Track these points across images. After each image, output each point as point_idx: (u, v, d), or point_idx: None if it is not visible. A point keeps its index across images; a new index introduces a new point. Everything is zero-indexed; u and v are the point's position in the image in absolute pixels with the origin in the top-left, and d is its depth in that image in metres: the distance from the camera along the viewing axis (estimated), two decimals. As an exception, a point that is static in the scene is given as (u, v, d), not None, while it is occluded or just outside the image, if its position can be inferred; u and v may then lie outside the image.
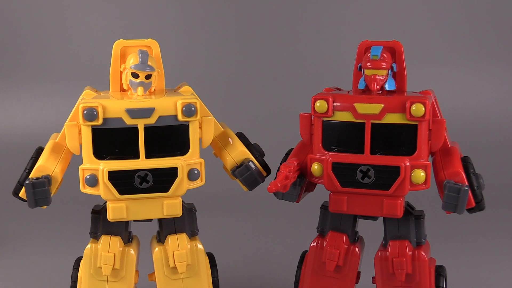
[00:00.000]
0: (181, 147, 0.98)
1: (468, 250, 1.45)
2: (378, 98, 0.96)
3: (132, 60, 0.99)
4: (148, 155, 0.97)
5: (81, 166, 0.97)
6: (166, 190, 0.97)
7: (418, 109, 0.93)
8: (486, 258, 1.41)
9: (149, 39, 1.04)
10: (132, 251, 1.03)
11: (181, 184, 0.97)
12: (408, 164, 0.94)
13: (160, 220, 1.04)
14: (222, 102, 2.03)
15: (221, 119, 1.08)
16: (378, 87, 0.98)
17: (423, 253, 1.00)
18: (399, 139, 0.96)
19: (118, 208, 0.97)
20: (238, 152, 1.04)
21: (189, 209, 1.05)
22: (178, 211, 1.00)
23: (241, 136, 1.07)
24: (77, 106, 0.98)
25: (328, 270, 1.03)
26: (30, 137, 2.04)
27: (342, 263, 1.03)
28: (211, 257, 1.08)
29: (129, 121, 0.95)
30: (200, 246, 1.04)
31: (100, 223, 1.03)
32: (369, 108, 0.96)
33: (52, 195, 0.97)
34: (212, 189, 1.33)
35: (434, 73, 2.16)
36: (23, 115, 2.21)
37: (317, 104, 0.98)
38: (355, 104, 0.96)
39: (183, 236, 1.04)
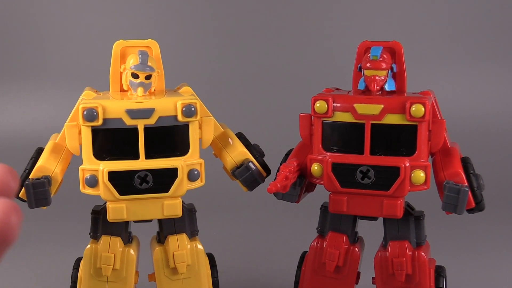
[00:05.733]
0: (181, 148, 0.98)
1: (468, 250, 1.45)
2: (378, 99, 0.96)
3: (132, 61, 0.99)
4: (148, 156, 0.97)
5: (81, 166, 0.97)
6: (166, 190, 0.97)
7: (418, 109, 0.93)
8: (486, 258, 1.41)
9: (149, 39, 1.04)
10: (132, 252, 1.03)
11: (181, 185, 0.97)
12: (408, 164, 0.94)
13: (160, 220, 1.04)
14: (222, 102, 2.03)
15: (221, 119, 1.08)
16: (378, 87, 0.98)
17: (423, 253, 1.00)
18: (399, 139, 0.96)
19: (118, 208, 0.97)
20: (238, 153, 1.04)
21: (189, 210, 1.05)
22: (178, 212, 1.00)
23: (241, 137, 1.07)
24: (77, 107, 0.98)
25: (328, 270, 1.03)
26: (30, 137, 2.04)
27: (342, 263, 1.03)
28: (211, 258, 1.08)
29: (129, 122, 0.95)
30: (200, 246, 1.04)
31: (100, 224, 1.03)
32: (369, 109, 0.96)
33: (52, 195, 0.97)
34: (212, 189, 1.33)
35: (434, 73, 2.16)
36: (23, 115, 2.21)
37: (317, 104, 0.98)
38: (355, 105, 0.96)
39: (183, 237, 1.04)
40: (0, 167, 0.52)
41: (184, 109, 0.96)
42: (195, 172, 0.98)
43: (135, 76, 0.99)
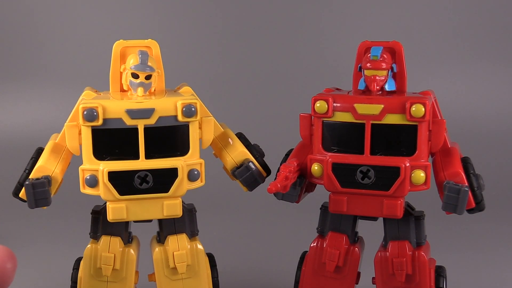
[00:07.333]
0: (181, 148, 0.98)
1: (468, 250, 1.45)
2: (378, 99, 0.96)
3: (132, 61, 0.99)
4: (148, 156, 0.97)
5: (81, 166, 0.97)
6: (166, 190, 0.97)
7: (418, 109, 0.93)
8: (486, 258, 1.41)
9: (149, 39, 1.04)
10: (132, 252, 1.03)
11: (181, 185, 0.97)
12: (408, 164, 0.94)
13: (160, 220, 1.04)
14: (222, 102, 2.03)
15: (221, 119, 1.08)
16: (378, 87, 0.98)
17: (423, 253, 1.00)
18: (399, 139, 0.96)
19: (118, 208, 0.97)
20: (238, 153, 1.04)
21: (189, 210, 1.06)
22: (178, 212, 1.00)
23: (241, 137, 1.07)
24: (77, 107, 0.98)
25: (328, 270, 1.03)
26: (30, 137, 2.04)
27: (342, 263, 1.03)
28: (211, 258, 1.08)
29: (129, 122, 0.95)
30: (200, 246, 1.04)
31: (100, 224, 1.03)
32: (369, 109, 0.96)
33: (52, 195, 0.97)
34: (212, 189, 1.33)
35: (434, 73, 2.16)
36: (23, 115, 2.21)
37: (317, 104, 0.98)
38: (355, 105, 0.96)
39: (183, 237, 1.04)
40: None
41: (184, 109, 0.96)
42: (195, 172, 0.98)
43: (135, 76, 0.99)
